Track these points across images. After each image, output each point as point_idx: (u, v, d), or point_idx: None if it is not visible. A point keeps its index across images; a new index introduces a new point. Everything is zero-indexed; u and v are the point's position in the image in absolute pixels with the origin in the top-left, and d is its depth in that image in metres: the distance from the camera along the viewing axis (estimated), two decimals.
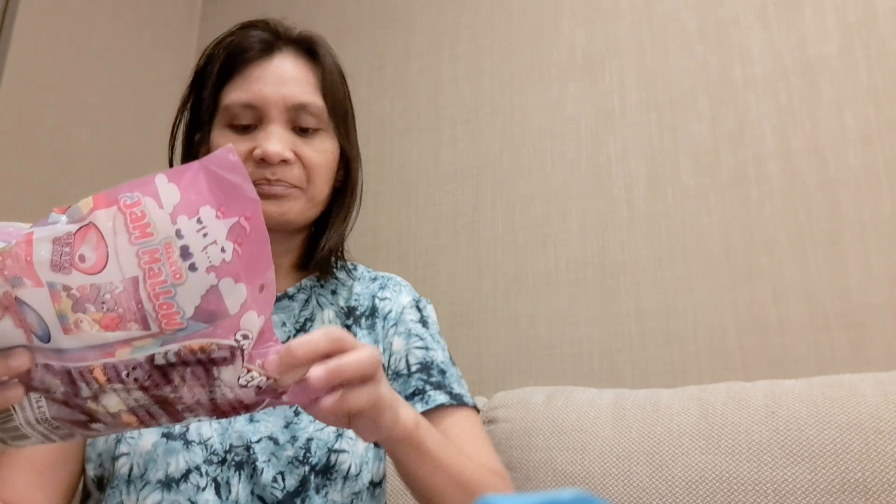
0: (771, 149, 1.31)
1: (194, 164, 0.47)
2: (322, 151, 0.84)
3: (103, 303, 0.46)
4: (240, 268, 0.47)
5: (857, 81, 1.27)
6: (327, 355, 0.53)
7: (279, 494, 0.73)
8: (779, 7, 1.37)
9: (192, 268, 0.46)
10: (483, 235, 1.54)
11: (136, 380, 0.49)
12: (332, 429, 0.76)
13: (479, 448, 0.79)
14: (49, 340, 0.47)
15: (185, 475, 0.72)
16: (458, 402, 0.82)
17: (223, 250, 0.47)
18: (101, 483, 0.76)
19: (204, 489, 0.72)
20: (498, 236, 1.53)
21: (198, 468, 0.72)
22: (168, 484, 0.72)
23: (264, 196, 0.80)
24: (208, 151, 0.84)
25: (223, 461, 0.73)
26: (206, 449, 0.73)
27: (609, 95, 1.49)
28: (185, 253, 0.46)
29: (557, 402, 1.14)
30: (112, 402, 0.50)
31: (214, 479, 0.72)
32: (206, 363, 0.49)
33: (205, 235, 0.46)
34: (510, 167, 1.56)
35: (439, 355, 0.86)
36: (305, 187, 0.82)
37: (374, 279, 0.92)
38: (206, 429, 0.74)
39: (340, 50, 1.92)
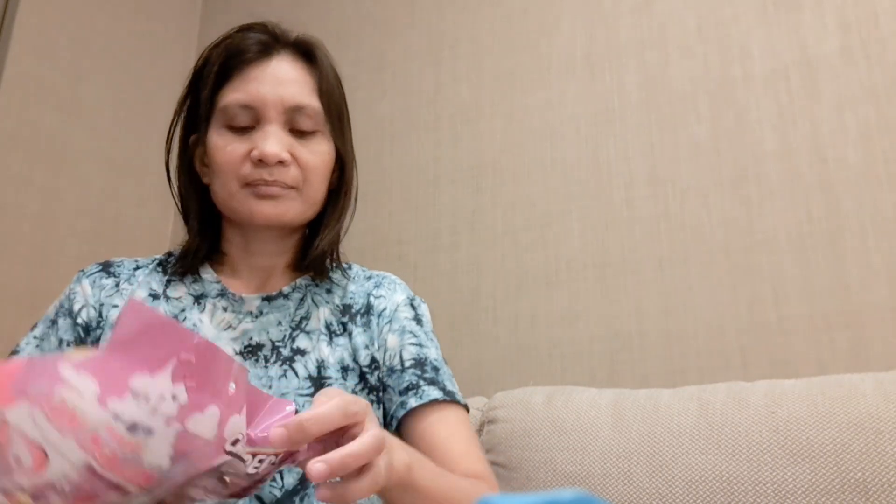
0: (771, 149, 1.31)
1: (100, 350, 0.42)
2: (318, 153, 0.84)
3: (65, 491, 0.41)
4: (201, 397, 0.43)
5: (857, 81, 1.27)
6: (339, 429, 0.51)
7: (277, 493, 0.73)
8: (779, 7, 1.37)
9: (148, 433, 0.41)
10: (483, 235, 1.54)
11: None
12: None
13: (467, 448, 0.79)
14: None
15: None
16: (451, 398, 0.82)
17: (175, 398, 0.42)
18: None
19: None
20: (498, 236, 1.53)
21: None
22: None
23: (262, 197, 0.80)
24: (204, 153, 0.85)
25: None
26: None
27: (609, 95, 1.49)
28: (133, 428, 0.41)
29: (557, 402, 1.14)
30: None
31: None
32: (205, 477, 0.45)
33: (147, 400, 0.41)
34: (510, 167, 1.56)
35: (433, 353, 0.86)
36: (301, 188, 0.83)
37: (369, 278, 0.92)
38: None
39: (341, 51, 1.93)
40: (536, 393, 1.19)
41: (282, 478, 0.73)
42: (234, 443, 0.46)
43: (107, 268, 0.87)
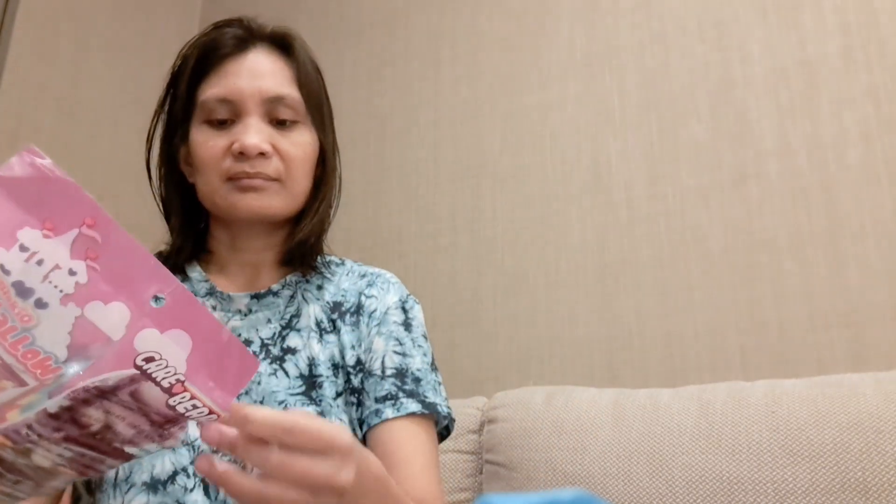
0: (771, 149, 1.31)
1: None
2: (300, 144, 0.83)
3: None
4: (107, 285, 0.40)
5: (857, 81, 1.27)
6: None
7: None
8: (779, 7, 1.37)
9: (41, 304, 0.39)
10: (483, 235, 1.54)
11: (40, 436, 0.41)
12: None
13: (428, 466, 0.78)
14: None
15: (172, 477, 0.72)
16: (430, 410, 0.80)
17: (72, 272, 0.39)
18: (89, 486, 0.76)
19: (192, 490, 0.72)
20: (498, 236, 1.53)
21: (185, 469, 0.72)
22: (154, 486, 0.71)
23: (245, 189, 0.79)
24: (188, 151, 0.84)
25: None
26: (194, 450, 0.73)
27: (609, 95, 1.49)
28: (21, 290, 0.38)
29: (557, 402, 1.14)
30: (39, 458, 0.43)
31: (203, 480, 0.72)
32: (114, 393, 0.41)
33: (39, 263, 0.38)
34: (510, 167, 1.56)
35: (417, 362, 0.84)
36: (284, 180, 0.82)
37: (363, 276, 0.90)
38: (192, 430, 0.74)
39: (341, 50, 1.93)
40: (536, 393, 1.19)
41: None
42: (148, 360, 0.41)
43: None
